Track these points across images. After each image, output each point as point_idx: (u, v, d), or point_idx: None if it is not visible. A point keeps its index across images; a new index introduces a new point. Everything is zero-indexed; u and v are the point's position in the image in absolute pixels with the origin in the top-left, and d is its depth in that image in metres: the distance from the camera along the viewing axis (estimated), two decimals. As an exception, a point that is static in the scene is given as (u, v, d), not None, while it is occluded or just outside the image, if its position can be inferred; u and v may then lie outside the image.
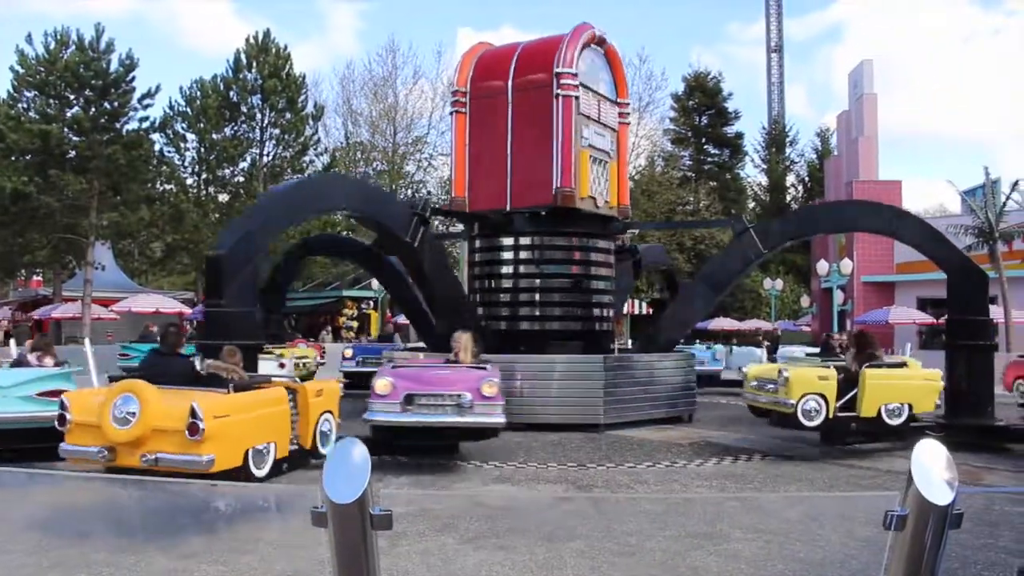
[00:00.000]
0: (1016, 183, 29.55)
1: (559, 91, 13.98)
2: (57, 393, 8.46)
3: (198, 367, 8.30)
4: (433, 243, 15.20)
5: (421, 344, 17.53)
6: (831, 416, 10.18)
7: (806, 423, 10.14)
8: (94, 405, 7.09)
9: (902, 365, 11.41)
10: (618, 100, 15.54)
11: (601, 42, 15.00)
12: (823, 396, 10.19)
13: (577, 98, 14.05)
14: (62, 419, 7.19)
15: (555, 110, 14.04)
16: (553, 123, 14.05)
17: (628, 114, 16.25)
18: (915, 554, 1.98)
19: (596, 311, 14.99)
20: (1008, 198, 29.59)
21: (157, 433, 6.80)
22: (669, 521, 6.20)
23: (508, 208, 14.58)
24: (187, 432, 6.66)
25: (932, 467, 1.97)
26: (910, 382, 10.89)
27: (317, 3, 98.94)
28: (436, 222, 19.27)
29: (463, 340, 10.39)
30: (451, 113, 15.73)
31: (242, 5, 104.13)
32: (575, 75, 14.02)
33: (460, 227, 17.65)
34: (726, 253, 15.89)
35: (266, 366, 13.03)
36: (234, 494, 4.00)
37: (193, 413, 6.66)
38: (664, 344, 15.05)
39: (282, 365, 16.23)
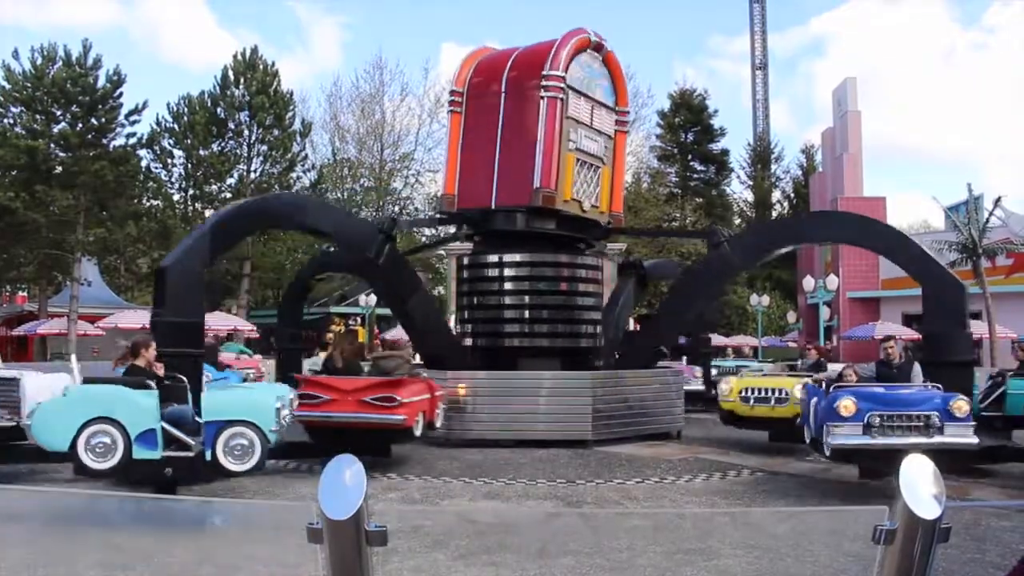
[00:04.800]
0: (999, 199, 29.87)
1: (544, 93, 14.05)
2: None
3: None
4: (398, 261, 15.30)
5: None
6: None
7: None
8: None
9: None
10: (617, 107, 15.48)
11: (598, 48, 14.94)
12: None
13: (563, 100, 14.09)
14: None
15: (540, 112, 14.13)
16: (538, 125, 14.14)
17: (627, 122, 16.17)
18: (904, 568, 2.00)
19: (584, 327, 14.99)
20: (991, 214, 29.85)
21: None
22: (659, 537, 6.21)
23: (492, 207, 14.62)
24: None
25: (920, 482, 2.00)
26: None
27: (300, 16, 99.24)
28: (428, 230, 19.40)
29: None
30: (448, 112, 15.92)
31: (225, 18, 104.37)
32: (562, 78, 14.03)
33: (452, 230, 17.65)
34: (704, 266, 15.69)
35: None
36: (227, 510, 3.99)
37: None
38: (646, 360, 15.02)
39: None
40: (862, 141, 41.32)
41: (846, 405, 8.87)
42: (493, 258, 15.03)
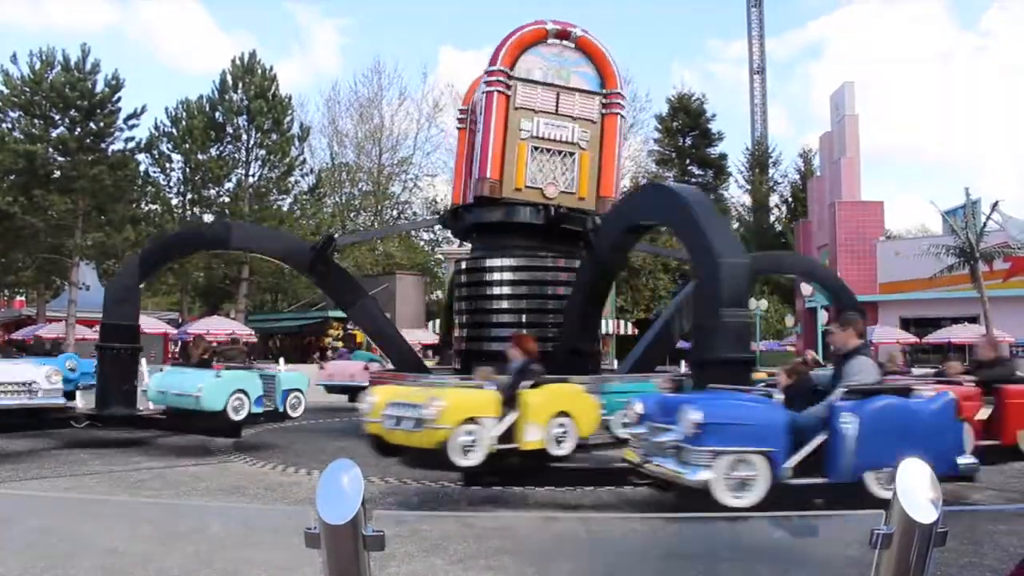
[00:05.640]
0: (996, 203, 29.84)
1: (485, 88, 14.40)
2: None
3: None
4: (335, 274, 15.93)
5: None
6: None
7: None
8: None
9: None
10: (604, 90, 15.28)
11: (564, 35, 14.96)
12: None
13: (505, 93, 14.32)
14: None
15: (482, 106, 14.54)
16: (482, 119, 14.56)
17: (620, 104, 15.77)
18: (901, 572, 2.00)
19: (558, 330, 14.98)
20: (988, 218, 29.85)
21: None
22: (657, 541, 6.21)
23: (464, 202, 15.31)
24: None
25: (916, 486, 2.00)
26: None
27: (299, 18, 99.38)
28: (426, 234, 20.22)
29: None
30: (456, 129, 17.01)
31: (223, 21, 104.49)
32: (503, 72, 14.35)
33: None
34: (585, 262, 14.33)
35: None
36: (225, 514, 3.99)
37: None
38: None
39: None
40: (860, 145, 41.36)
41: (634, 408, 7.53)
42: (463, 264, 15.79)
